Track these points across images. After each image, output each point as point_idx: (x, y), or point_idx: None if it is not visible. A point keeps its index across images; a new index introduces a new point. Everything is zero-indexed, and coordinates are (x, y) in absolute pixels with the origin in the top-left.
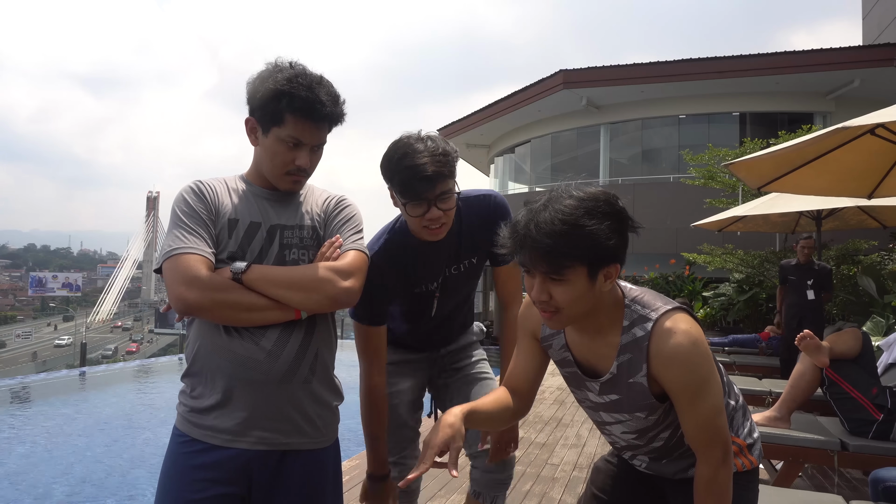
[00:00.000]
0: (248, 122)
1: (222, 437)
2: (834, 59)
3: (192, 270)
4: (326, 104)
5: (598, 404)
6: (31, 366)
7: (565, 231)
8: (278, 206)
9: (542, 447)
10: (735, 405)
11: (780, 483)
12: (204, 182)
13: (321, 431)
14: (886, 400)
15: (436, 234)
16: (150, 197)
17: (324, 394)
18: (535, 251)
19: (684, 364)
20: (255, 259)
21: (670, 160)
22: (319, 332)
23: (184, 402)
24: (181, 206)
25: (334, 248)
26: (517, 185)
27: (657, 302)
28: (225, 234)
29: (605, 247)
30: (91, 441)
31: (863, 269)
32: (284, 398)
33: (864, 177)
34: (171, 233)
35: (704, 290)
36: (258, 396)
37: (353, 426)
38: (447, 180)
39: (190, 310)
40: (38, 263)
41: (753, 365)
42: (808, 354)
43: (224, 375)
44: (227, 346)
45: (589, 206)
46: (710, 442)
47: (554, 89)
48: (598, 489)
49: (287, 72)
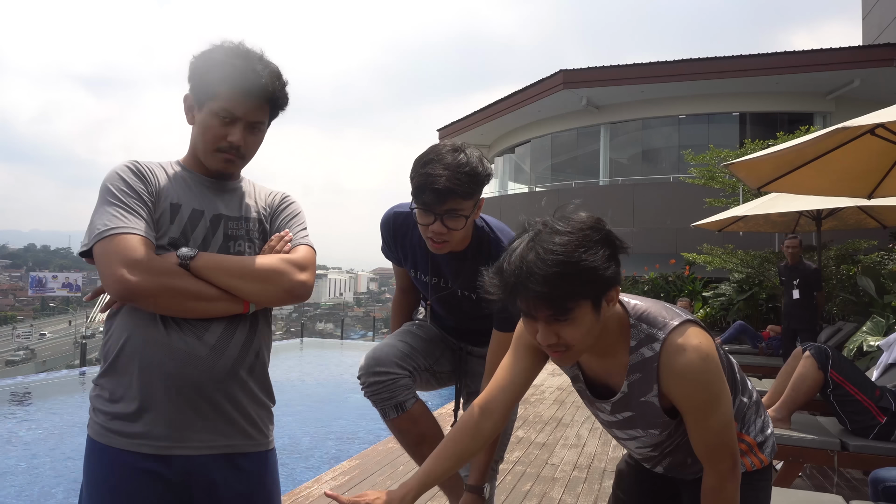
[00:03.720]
0: (186, 98)
1: (156, 444)
2: (834, 59)
3: (134, 252)
4: (263, 76)
5: (611, 422)
6: (30, 366)
7: (563, 273)
8: (222, 194)
9: (542, 447)
10: (748, 402)
11: (779, 483)
12: (142, 162)
13: (263, 433)
14: (890, 402)
15: (437, 248)
16: None
17: (262, 395)
18: (536, 298)
19: (695, 382)
20: (198, 248)
21: (670, 160)
22: (262, 330)
23: (101, 409)
24: (116, 184)
25: (284, 241)
26: (517, 185)
27: (664, 316)
28: (166, 219)
29: (605, 277)
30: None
31: (862, 269)
32: (226, 397)
33: (864, 177)
34: (105, 211)
35: (704, 290)
36: (198, 396)
37: (353, 427)
38: (459, 199)
39: (132, 294)
40: (38, 263)
41: (753, 365)
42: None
43: (158, 373)
44: (165, 340)
45: (579, 239)
46: (719, 455)
47: (554, 89)
48: (623, 491)
49: (227, 46)
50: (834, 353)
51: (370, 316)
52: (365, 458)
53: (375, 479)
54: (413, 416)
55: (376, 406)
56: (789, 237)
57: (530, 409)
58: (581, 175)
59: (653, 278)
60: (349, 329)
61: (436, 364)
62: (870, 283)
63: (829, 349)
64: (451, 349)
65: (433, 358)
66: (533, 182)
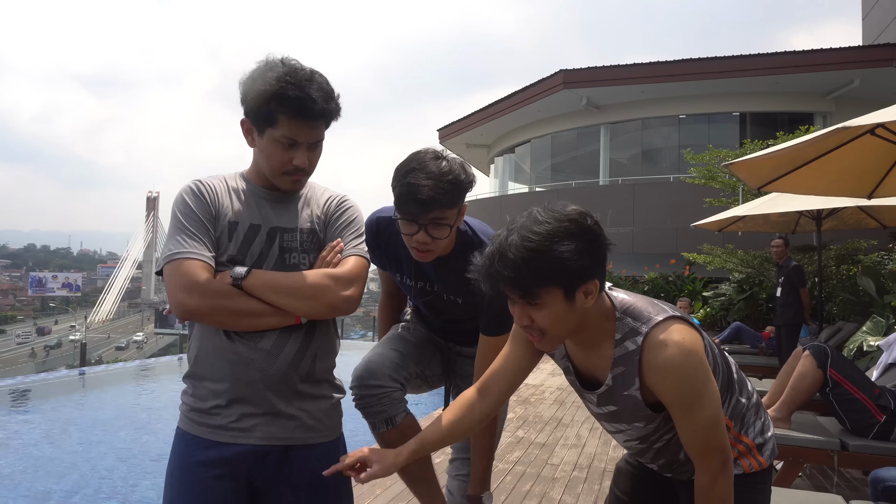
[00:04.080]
0: (244, 123)
1: (225, 434)
2: (834, 59)
3: (191, 276)
4: (318, 101)
5: (599, 414)
6: (30, 365)
7: (531, 257)
8: (278, 207)
9: (542, 447)
10: (747, 402)
11: (779, 483)
12: (203, 182)
13: (324, 424)
14: (889, 401)
15: (421, 257)
16: (150, 197)
17: (322, 390)
18: (505, 279)
19: (677, 377)
20: (254, 263)
21: (670, 160)
22: (318, 337)
23: (186, 402)
24: (181, 208)
25: (335, 253)
26: (517, 185)
27: (649, 311)
28: (225, 238)
29: (575, 268)
30: (90, 441)
31: (862, 269)
32: (282, 397)
33: (864, 177)
34: (172, 236)
35: (704, 290)
36: (259, 395)
37: (354, 426)
38: (444, 209)
39: (190, 315)
40: (38, 263)
41: (753, 365)
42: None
43: (225, 376)
44: (228, 347)
45: (553, 229)
46: (708, 451)
47: (554, 89)
48: (620, 490)
49: (277, 69)
50: (833, 352)
51: (370, 316)
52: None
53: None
54: (402, 429)
55: (367, 419)
56: (775, 237)
57: (530, 409)
58: (581, 175)
59: (653, 278)
60: (349, 329)
61: (427, 368)
62: (870, 283)
63: (829, 348)
64: (440, 351)
65: (424, 362)
66: (533, 182)
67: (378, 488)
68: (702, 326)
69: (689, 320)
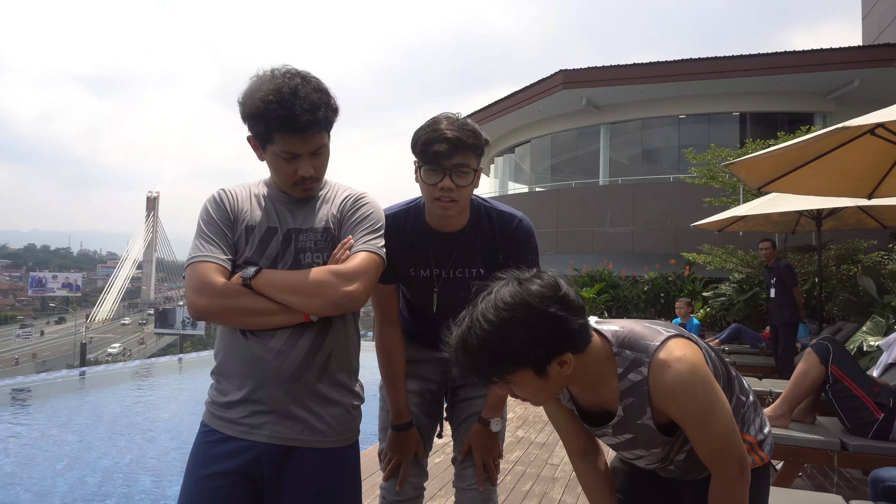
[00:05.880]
0: (250, 140)
1: (238, 428)
2: (834, 59)
3: (204, 278)
4: (302, 116)
5: (617, 444)
6: (30, 365)
7: (487, 349)
8: (296, 209)
9: (542, 447)
10: (745, 401)
11: (779, 483)
12: (226, 190)
13: (334, 430)
14: (888, 399)
15: (446, 208)
16: (150, 197)
17: (336, 394)
18: (468, 370)
19: (685, 395)
20: (270, 264)
21: (670, 160)
22: (333, 334)
23: (209, 396)
24: (203, 216)
25: (344, 249)
26: (517, 185)
27: (645, 337)
28: (243, 241)
29: (533, 355)
30: (90, 441)
31: (863, 269)
32: (293, 396)
33: (864, 177)
34: (193, 242)
35: (704, 290)
36: (270, 394)
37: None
38: (468, 154)
39: (201, 315)
40: (38, 263)
41: (753, 365)
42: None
43: (240, 373)
44: (243, 345)
45: (507, 318)
46: (725, 461)
47: (554, 89)
48: (617, 489)
49: (267, 85)
50: (835, 347)
51: (370, 316)
52: (365, 458)
53: (375, 480)
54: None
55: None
56: (762, 240)
57: (530, 409)
58: (581, 175)
59: (653, 278)
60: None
61: (431, 431)
62: (870, 283)
63: (830, 344)
64: (438, 402)
65: (433, 429)
66: (533, 182)
67: None
68: (702, 326)
69: (685, 334)
